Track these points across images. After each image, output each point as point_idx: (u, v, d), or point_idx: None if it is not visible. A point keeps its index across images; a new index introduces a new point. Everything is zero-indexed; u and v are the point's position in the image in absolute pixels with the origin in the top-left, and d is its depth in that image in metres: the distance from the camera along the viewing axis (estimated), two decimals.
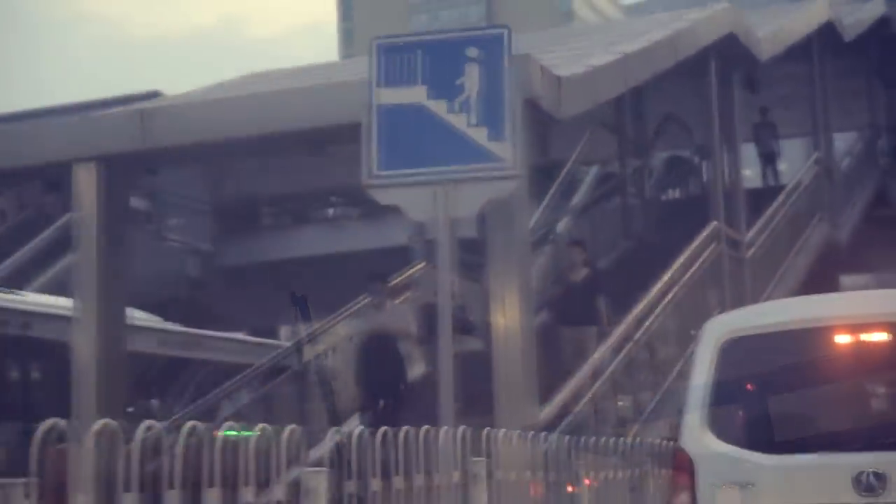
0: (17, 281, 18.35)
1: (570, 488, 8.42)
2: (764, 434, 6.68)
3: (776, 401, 6.78)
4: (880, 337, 6.67)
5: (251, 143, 10.20)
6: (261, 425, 5.49)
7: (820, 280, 18.87)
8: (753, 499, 6.42)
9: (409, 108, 8.45)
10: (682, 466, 6.64)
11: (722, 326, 7.15)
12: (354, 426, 6.13)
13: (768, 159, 23.43)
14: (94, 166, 10.40)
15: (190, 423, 5.04)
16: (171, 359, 17.82)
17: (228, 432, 5.17)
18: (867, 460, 6.25)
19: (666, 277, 13.68)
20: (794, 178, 20.57)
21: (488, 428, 7.37)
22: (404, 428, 6.38)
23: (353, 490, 5.97)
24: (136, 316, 15.49)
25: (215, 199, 26.71)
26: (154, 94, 23.87)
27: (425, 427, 6.58)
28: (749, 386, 6.89)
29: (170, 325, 18.69)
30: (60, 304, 14.51)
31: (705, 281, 15.00)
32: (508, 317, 9.80)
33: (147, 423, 4.97)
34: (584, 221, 21.05)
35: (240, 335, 20.70)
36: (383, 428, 6.24)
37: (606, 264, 19.80)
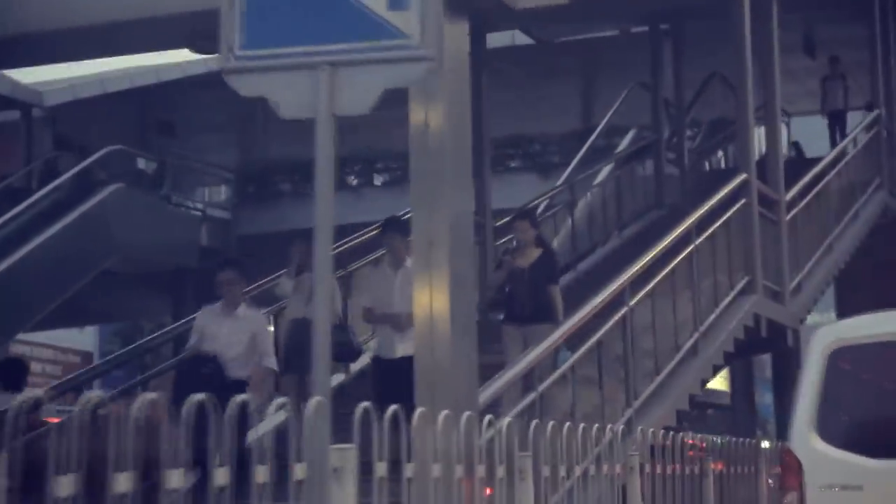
0: None
1: (487, 491, 6.19)
2: (870, 439, 7.01)
3: (883, 407, 7.21)
4: None
5: (116, 31, 8.22)
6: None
7: (874, 252, 16.85)
8: (859, 501, 6.80)
9: None
10: (790, 468, 7.01)
11: (830, 335, 7.35)
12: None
13: (836, 118, 20.73)
14: None
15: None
16: None
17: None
18: None
19: (673, 236, 11.44)
20: (848, 137, 18.41)
21: (366, 403, 5.09)
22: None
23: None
24: None
25: (236, 164, 25.15)
26: None
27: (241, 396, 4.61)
28: (856, 392, 7.33)
29: None
30: None
31: (728, 243, 12.73)
32: (435, 296, 7.27)
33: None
34: (612, 187, 18.99)
35: None
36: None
37: (633, 233, 17.99)
